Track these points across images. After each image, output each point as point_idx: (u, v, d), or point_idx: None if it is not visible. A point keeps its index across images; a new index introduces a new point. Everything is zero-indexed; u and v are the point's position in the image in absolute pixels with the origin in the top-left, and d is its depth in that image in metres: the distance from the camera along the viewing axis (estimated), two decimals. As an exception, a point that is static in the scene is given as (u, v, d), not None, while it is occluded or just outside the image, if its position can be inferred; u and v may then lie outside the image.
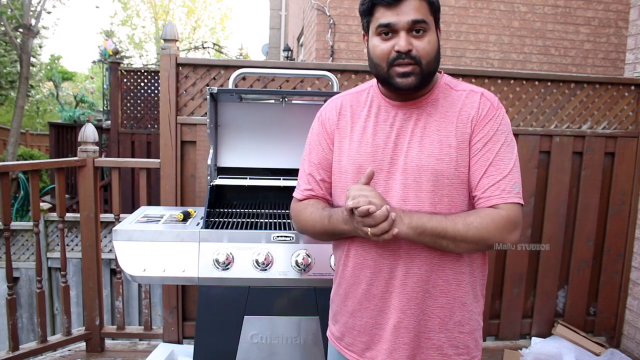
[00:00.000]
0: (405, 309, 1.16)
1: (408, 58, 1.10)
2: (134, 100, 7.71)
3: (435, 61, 1.14)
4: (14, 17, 12.07)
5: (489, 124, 1.14)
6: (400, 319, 1.17)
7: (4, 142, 12.09)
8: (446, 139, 1.14)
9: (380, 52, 1.13)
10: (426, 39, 1.11)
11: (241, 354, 1.70)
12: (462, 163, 1.13)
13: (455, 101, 1.17)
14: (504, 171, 1.12)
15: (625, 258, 2.81)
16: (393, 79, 1.13)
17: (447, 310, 1.17)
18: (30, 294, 5.73)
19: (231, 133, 2.13)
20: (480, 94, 1.17)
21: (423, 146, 1.14)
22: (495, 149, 1.13)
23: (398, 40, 1.10)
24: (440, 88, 1.19)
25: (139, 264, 1.68)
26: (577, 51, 6.44)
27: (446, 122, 1.15)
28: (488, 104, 1.16)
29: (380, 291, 1.18)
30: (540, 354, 2.63)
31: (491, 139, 1.13)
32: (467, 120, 1.14)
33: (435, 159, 1.13)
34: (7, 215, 2.44)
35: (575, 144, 2.71)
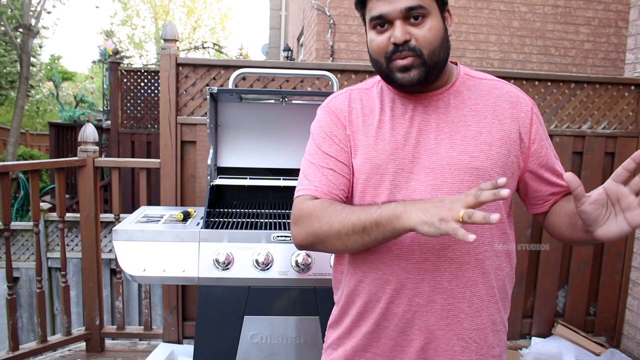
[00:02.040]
0: (435, 328, 1.02)
1: (406, 50, 0.98)
2: (134, 100, 7.71)
3: (440, 49, 0.99)
4: (14, 17, 12.07)
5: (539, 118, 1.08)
6: (429, 340, 1.02)
7: (4, 142, 12.09)
8: (480, 136, 1.01)
9: (376, 46, 1.01)
10: (426, 25, 0.97)
11: (241, 354, 1.70)
12: (502, 163, 1.01)
13: (485, 93, 1.05)
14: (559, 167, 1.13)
15: (625, 258, 2.81)
16: (394, 74, 1.00)
17: (481, 332, 1.04)
18: (30, 294, 5.73)
19: (231, 133, 2.13)
20: (511, 86, 1.09)
21: (455, 143, 1.01)
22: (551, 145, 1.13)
23: (393, 31, 0.98)
24: (461, 79, 1.07)
25: (139, 264, 1.68)
26: (577, 51, 6.44)
27: (480, 117, 1.03)
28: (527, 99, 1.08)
29: (402, 310, 1.02)
30: (540, 354, 2.63)
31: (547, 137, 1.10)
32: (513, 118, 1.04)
33: (470, 156, 1.00)
34: (7, 215, 2.44)
35: (575, 144, 2.71)
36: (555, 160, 1.10)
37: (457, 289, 1.01)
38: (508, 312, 1.12)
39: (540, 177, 1.09)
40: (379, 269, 1.03)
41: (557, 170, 1.10)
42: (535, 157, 1.06)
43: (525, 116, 1.04)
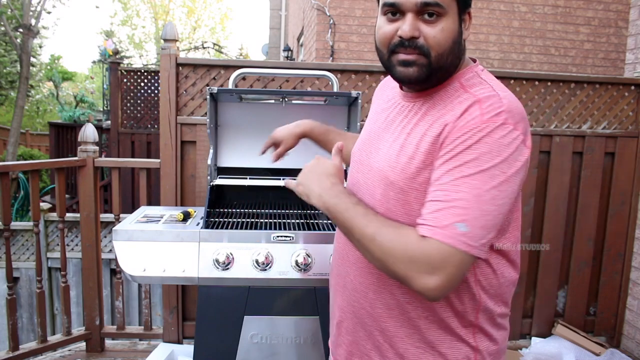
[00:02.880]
0: (346, 310, 1.08)
1: (411, 46, 0.91)
2: (134, 100, 7.71)
3: (450, 54, 0.92)
4: (14, 17, 12.07)
5: (462, 137, 0.86)
6: (342, 318, 1.10)
7: (4, 142, 12.09)
8: (406, 147, 0.94)
9: (382, 34, 0.95)
10: (440, 26, 0.90)
11: (241, 354, 1.70)
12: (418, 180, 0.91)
13: (446, 106, 0.93)
14: (454, 200, 0.83)
15: (625, 258, 2.81)
16: (394, 67, 0.95)
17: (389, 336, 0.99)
18: (30, 294, 5.74)
19: (231, 133, 2.13)
20: (475, 100, 0.89)
21: (390, 148, 0.98)
22: (454, 168, 0.85)
23: (402, 24, 0.91)
24: (450, 85, 0.96)
25: (139, 264, 1.67)
26: (577, 51, 6.44)
27: (419, 128, 0.94)
28: (476, 113, 0.87)
29: (334, 282, 1.14)
30: (540, 354, 2.63)
31: (455, 156, 0.85)
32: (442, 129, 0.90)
33: (388, 165, 0.96)
34: (7, 215, 2.44)
35: (575, 144, 2.71)
36: (442, 181, 0.86)
37: (360, 286, 1.04)
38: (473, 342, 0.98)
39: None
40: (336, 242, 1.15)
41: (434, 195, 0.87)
42: (432, 177, 0.89)
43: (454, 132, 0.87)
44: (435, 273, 0.82)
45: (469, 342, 0.97)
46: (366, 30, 6.09)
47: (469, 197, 0.82)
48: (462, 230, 0.81)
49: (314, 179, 1.01)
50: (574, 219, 2.77)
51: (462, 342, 0.97)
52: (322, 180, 0.99)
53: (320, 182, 0.99)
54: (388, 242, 0.86)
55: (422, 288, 0.83)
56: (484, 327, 0.98)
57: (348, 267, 1.07)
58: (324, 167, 1.02)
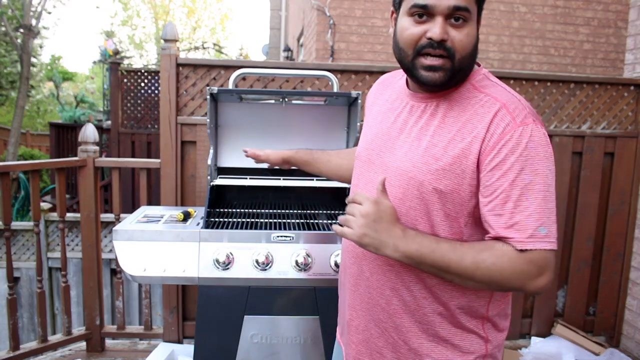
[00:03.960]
0: (358, 308, 1.10)
1: (440, 48, 0.94)
2: (134, 100, 7.71)
3: (470, 57, 0.98)
4: (14, 17, 12.08)
5: (506, 145, 0.91)
6: (352, 317, 1.12)
7: (5, 142, 12.10)
8: (433, 148, 0.97)
9: (409, 36, 0.97)
10: (465, 30, 0.95)
11: (241, 354, 1.70)
12: (448, 181, 0.95)
13: (468, 108, 0.98)
14: (527, 209, 0.90)
15: (625, 258, 2.82)
16: (417, 70, 0.98)
17: (404, 332, 1.04)
18: (31, 293, 5.74)
19: (231, 133, 2.13)
20: (500, 105, 0.94)
21: (411, 148, 1.01)
22: (515, 180, 0.90)
23: (432, 26, 0.94)
24: (462, 87, 1.01)
25: (139, 263, 1.68)
26: (576, 51, 6.44)
27: (444, 130, 0.98)
28: (507, 119, 0.92)
29: (345, 281, 1.17)
30: (540, 353, 2.63)
31: (510, 168, 0.90)
32: (473, 136, 0.94)
33: (413, 166, 0.99)
34: (8, 215, 2.44)
35: (574, 144, 2.71)
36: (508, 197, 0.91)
37: (377, 282, 1.06)
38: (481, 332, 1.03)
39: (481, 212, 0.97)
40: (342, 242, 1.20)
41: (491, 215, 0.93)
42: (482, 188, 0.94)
43: (492, 140, 0.92)
44: (543, 274, 0.91)
45: (480, 333, 1.03)
46: (366, 31, 6.09)
47: (538, 202, 0.90)
48: (544, 233, 0.90)
49: (382, 228, 0.94)
50: (574, 219, 2.77)
51: (473, 334, 1.03)
52: (390, 229, 0.94)
53: (390, 231, 0.94)
54: (492, 265, 0.91)
55: (536, 289, 0.93)
56: (493, 319, 1.04)
57: (363, 266, 1.08)
58: (386, 213, 0.95)
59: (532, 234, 0.89)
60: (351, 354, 1.14)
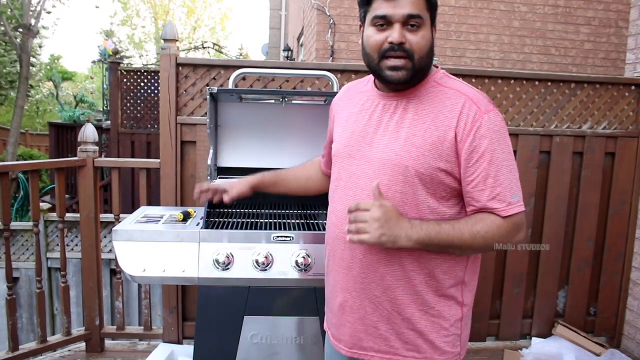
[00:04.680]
0: (352, 289, 1.21)
1: (400, 50, 1.11)
2: (134, 100, 7.71)
3: (427, 57, 1.15)
4: (13, 17, 12.07)
5: (478, 132, 1.10)
6: (346, 299, 1.22)
7: (4, 142, 12.09)
8: (412, 138, 1.13)
9: (373, 42, 1.14)
10: (420, 33, 1.12)
11: (241, 354, 1.70)
12: (428, 164, 1.12)
13: (437, 100, 1.15)
14: (503, 182, 1.11)
15: (626, 258, 2.81)
16: (383, 71, 1.14)
17: (396, 304, 1.18)
18: (30, 294, 5.73)
19: (231, 133, 2.13)
20: (465, 97, 1.13)
21: (390, 141, 1.16)
22: (491, 160, 1.10)
23: (392, 32, 1.11)
24: (427, 84, 1.18)
25: (138, 264, 1.67)
26: (577, 51, 6.44)
27: (419, 122, 1.14)
28: (474, 109, 1.12)
29: (335, 267, 1.25)
30: (541, 354, 2.62)
31: (485, 150, 1.10)
32: (446, 125, 1.12)
33: (396, 154, 1.14)
34: (7, 215, 2.43)
35: (575, 144, 2.71)
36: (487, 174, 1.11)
37: (371, 262, 1.18)
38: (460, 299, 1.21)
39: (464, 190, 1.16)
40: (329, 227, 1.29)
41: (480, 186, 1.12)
42: (463, 168, 1.13)
43: (464, 126, 1.11)
44: (521, 230, 1.15)
45: (457, 298, 1.21)
46: (366, 30, 6.07)
47: (509, 175, 1.12)
48: (517, 199, 1.12)
49: (392, 225, 1.09)
50: (574, 219, 2.77)
51: (452, 300, 1.20)
52: (400, 224, 1.10)
53: (399, 225, 1.09)
54: (486, 234, 1.11)
55: (518, 242, 1.15)
56: (467, 280, 1.22)
57: (355, 250, 1.20)
58: (392, 211, 1.10)
59: (510, 202, 1.11)
60: (346, 334, 1.24)
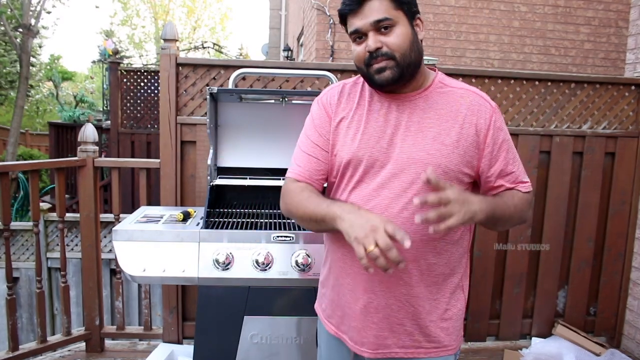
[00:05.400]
0: (377, 290, 1.21)
1: (379, 55, 1.15)
2: (134, 100, 7.71)
3: (411, 52, 1.16)
4: (13, 16, 12.06)
5: (495, 125, 1.20)
6: (371, 300, 1.22)
7: (4, 142, 12.09)
8: (439, 137, 1.17)
9: (357, 55, 1.21)
10: (394, 33, 1.15)
11: (241, 354, 1.70)
12: (456, 161, 1.17)
13: (452, 101, 1.21)
14: (519, 166, 1.26)
15: (626, 258, 2.81)
16: (372, 76, 1.18)
17: (420, 299, 1.21)
18: (30, 294, 5.73)
19: (231, 133, 2.13)
20: (475, 95, 1.22)
21: (417, 141, 1.17)
22: (507, 147, 1.23)
23: (367, 41, 1.17)
24: (434, 85, 1.22)
25: (138, 264, 1.67)
26: (577, 51, 6.44)
27: (442, 120, 1.18)
28: (487, 105, 1.21)
29: (356, 269, 1.22)
30: (541, 354, 2.62)
31: (503, 140, 1.22)
32: (467, 122, 1.18)
33: (427, 153, 1.16)
34: (7, 215, 2.43)
35: (575, 144, 2.71)
36: (507, 161, 1.24)
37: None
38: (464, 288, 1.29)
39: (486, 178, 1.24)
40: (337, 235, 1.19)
41: (505, 171, 1.24)
42: (487, 159, 1.21)
43: (484, 123, 1.19)
44: (531, 206, 1.31)
45: (464, 287, 1.29)
46: (366, 30, 6.08)
47: (518, 159, 1.27)
48: (527, 179, 1.28)
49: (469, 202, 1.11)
50: (574, 219, 2.77)
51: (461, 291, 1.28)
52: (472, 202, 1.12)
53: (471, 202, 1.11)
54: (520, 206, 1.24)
55: (529, 217, 1.23)
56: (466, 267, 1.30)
57: None
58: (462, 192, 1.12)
59: (525, 181, 1.27)
60: (371, 335, 1.23)
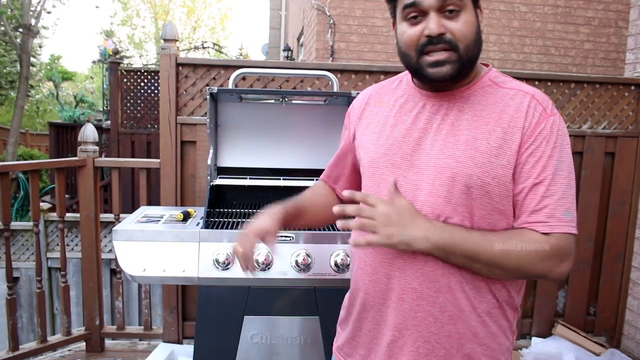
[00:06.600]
0: (402, 327, 1.01)
1: (441, 43, 0.94)
2: (134, 100, 7.71)
3: (475, 45, 0.97)
4: (13, 17, 12.07)
5: (542, 134, 0.94)
6: (396, 338, 1.02)
7: (4, 142, 12.09)
8: (474, 141, 0.96)
9: (407, 38, 0.97)
10: (462, 18, 0.94)
11: (241, 354, 1.69)
12: (495, 172, 0.95)
13: (497, 101, 0.99)
14: (555, 194, 0.93)
15: (626, 258, 2.81)
16: (424, 69, 0.97)
17: (454, 340, 0.99)
18: (30, 294, 5.73)
19: (231, 133, 2.13)
20: (530, 96, 0.98)
21: (446, 145, 0.98)
22: (546, 165, 0.93)
23: (428, 23, 0.93)
24: (481, 83, 1.01)
25: (139, 264, 1.67)
26: (577, 51, 6.44)
27: (480, 123, 0.97)
28: (539, 109, 0.96)
29: (377, 303, 1.04)
30: (541, 354, 2.62)
31: (543, 154, 0.94)
32: (512, 126, 0.96)
33: (456, 161, 0.96)
34: (7, 215, 2.43)
35: (575, 144, 2.71)
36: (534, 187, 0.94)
37: (428, 292, 0.98)
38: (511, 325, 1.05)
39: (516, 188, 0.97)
40: (361, 257, 1.07)
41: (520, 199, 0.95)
42: (517, 175, 0.95)
43: (529, 128, 0.95)
44: (567, 259, 0.94)
45: (513, 326, 1.05)
46: (366, 30, 6.08)
47: (565, 189, 0.94)
48: (569, 217, 0.93)
49: (407, 223, 0.94)
50: (574, 219, 2.77)
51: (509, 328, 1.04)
52: (416, 222, 0.94)
53: (417, 224, 0.94)
54: (520, 251, 0.92)
55: (560, 275, 0.95)
56: (519, 308, 1.06)
57: (407, 277, 1.00)
58: (407, 208, 0.95)
59: (559, 217, 0.92)
60: None
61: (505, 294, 1.01)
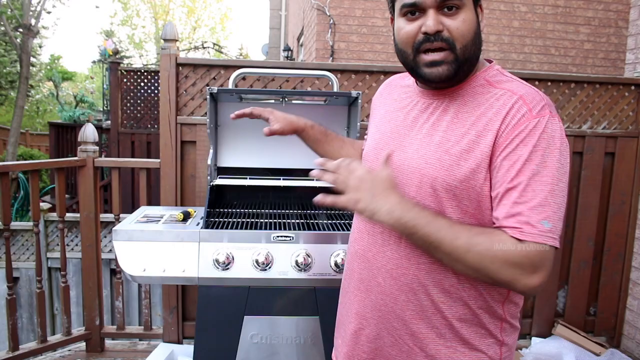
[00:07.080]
0: (369, 317, 1.03)
1: (438, 41, 0.92)
2: (134, 100, 7.71)
3: (473, 45, 0.94)
4: (13, 17, 12.07)
5: (519, 136, 0.88)
6: (361, 326, 1.04)
7: (4, 142, 12.09)
8: (446, 143, 0.94)
9: (404, 35, 0.95)
10: (460, 17, 0.92)
11: (241, 354, 1.69)
12: (462, 176, 0.91)
13: (483, 102, 0.95)
14: (531, 200, 0.86)
15: (626, 258, 2.81)
16: (420, 68, 0.95)
17: (418, 339, 0.99)
18: (30, 294, 5.73)
19: (231, 133, 2.13)
20: (517, 97, 0.92)
21: (421, 145, 0.97)
22: (522, 170, 0.87)
23: (425, 20, 0.92)
24: (475, 82, 0.98)
25: (138, 264, 1.67)
26: (577, 51, 6.44)
27: (457, 124, 0.94)
28: (523, 110, 0.90)
29: (352, 288, 1.08)
30: (541, 354, 2.62)
31: (519, 157, 0.88)
32: (486, 129, 0.91)
33: (426, 162, 0.95)
34: (7, 215, 2.43)
35: (575, 144, 2.71)
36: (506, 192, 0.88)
37: (390, 289, 1.00)
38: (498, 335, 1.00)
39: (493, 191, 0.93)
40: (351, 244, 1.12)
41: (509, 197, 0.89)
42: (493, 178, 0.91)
43: (506, 130, 0.90)
44: (537, 271, 0.86)
45: (497, 336, 0.99)
46: (366, 30, 6.08)
47: (545, 195, 0.86)
48: (548, 227, 0.86)
49: (377, 193, 0.92)
50: (574, 219, 2.77)
51: (491, 337, 0.99)
52: (387, 194, 0.91)
53: (386, 196, 0.91)
54: (486, 251, 0.86)
55: (527, 287, 0.87)
56: (509, 319, 1.00)
57: (375, 271, 1.02)
58: (383, 179, 0.93)
59: (533, 225, 0.85)
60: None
61: (481, 302, 0.97)
